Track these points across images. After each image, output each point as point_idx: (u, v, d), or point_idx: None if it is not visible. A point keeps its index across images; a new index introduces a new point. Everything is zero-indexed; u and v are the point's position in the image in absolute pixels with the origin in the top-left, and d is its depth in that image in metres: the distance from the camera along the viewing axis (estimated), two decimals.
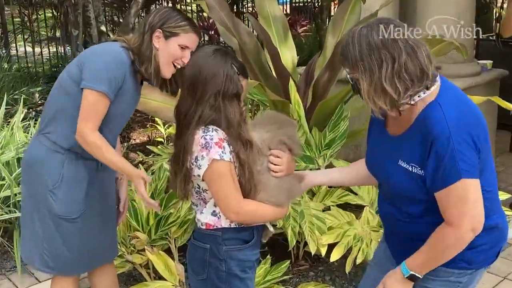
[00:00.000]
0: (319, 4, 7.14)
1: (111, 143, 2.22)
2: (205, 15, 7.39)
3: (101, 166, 2.32)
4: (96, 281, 2.56)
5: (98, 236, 2.38)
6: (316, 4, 10.06)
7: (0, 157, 3.64)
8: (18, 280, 3.34)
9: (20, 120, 4.20)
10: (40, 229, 2.27)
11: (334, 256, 2.99)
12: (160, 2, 9.53)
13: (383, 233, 2.03)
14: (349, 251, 3.04)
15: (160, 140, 5.37)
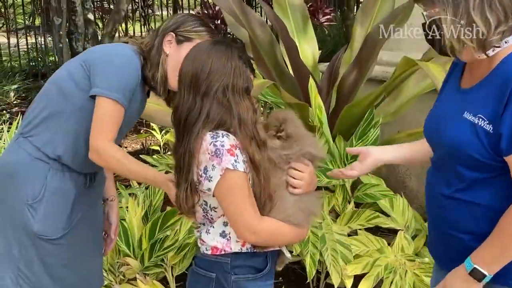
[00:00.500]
0: None
1: None
2: (210, 1, 7.42)
3: (90, 182, 2.34)
4: None
5: (83, 262, 2.38)
6: None
7: None
8: None
9: None
10: (15, 248, 2.28)
11: None
12: None
13: (428, 242, 1.98)
14: (379, 284, 3.03)
15: (155, 148, 5.40)
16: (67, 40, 5.47)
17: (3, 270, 2.31)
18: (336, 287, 3.03)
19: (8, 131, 4.17)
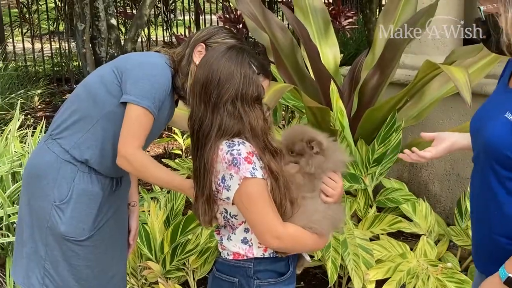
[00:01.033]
0: None
1: None
2: (232, 5, 7.44)
3: (117, 185, 2.38)
4: None
5: (107, 264, 2.41)
6: None
7: None
8: None
9: (16, 128, 4.29)
10: (42, 249, 2.31)
11: None
12: None
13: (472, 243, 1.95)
14: None
15: (177, 152, 5.43)
16: (90, 45, 5.51)
17: (30, 269, 2.35)
18: None
19: (32, 136, 4.21)
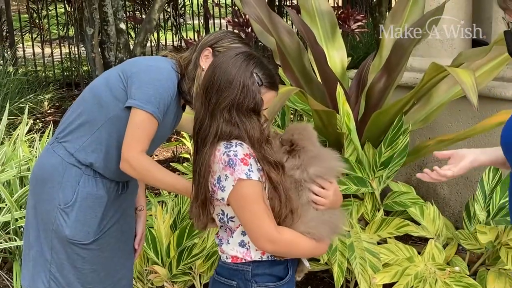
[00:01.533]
0: None
1: None
2: (240, 9, 7.45)
3: (123, 189, 2.38)
4: None
5: (113, 268, 2.42)
6: None
7: None
8: None
9: (24, 132, 4.32)
10: (47, 252, 2.32)
11: None
12: None
13: None
14: None
15: (186, 156, 5.44)
16: (100, 49, 5.54)
17: (36, 272, 2.36)
18: None
19: (39, 140, 4.24)
